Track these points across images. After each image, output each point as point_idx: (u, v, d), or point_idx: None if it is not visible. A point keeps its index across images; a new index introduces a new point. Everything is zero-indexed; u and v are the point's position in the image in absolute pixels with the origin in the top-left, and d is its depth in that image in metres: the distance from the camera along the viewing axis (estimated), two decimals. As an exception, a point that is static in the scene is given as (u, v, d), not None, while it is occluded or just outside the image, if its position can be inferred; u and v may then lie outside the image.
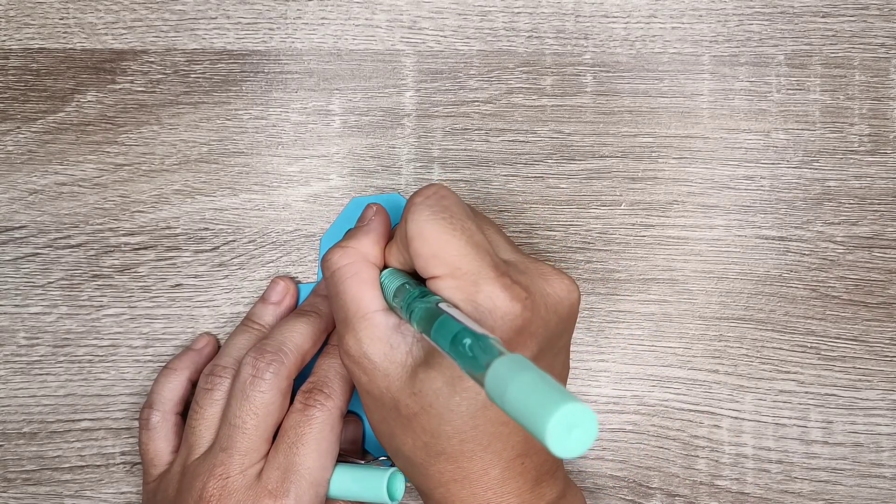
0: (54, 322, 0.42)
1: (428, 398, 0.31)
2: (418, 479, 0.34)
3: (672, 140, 0.42)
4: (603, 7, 0.42)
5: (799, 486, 0.41)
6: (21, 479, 0.41)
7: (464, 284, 0.30)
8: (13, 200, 0.42)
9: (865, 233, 0.42)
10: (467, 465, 0.32)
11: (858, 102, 0.42)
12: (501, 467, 0.32)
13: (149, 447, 0.38)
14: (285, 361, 0.36)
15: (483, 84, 0.42)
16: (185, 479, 0.36)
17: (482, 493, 0.32)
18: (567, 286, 0.33)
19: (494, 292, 0.30)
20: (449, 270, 0.31)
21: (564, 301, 0.32)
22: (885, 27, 0.42)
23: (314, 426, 0.36)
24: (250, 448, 0.35)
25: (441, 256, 0.31)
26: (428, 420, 0.31)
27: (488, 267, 0.31)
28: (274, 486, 0.35)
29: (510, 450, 0.32)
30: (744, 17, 0.42)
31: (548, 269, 0.33)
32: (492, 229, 0.35)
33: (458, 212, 0.32)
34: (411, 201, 0.32)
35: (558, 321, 0.32)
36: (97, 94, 0.42)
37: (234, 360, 0.38)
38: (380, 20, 0.42)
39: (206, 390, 0.37)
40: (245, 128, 0.42)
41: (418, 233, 0.31)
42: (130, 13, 0.42)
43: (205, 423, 0.37)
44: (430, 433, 0.32)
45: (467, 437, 0.31)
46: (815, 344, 0.42)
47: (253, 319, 0.40)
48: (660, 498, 0.42)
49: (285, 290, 0.41)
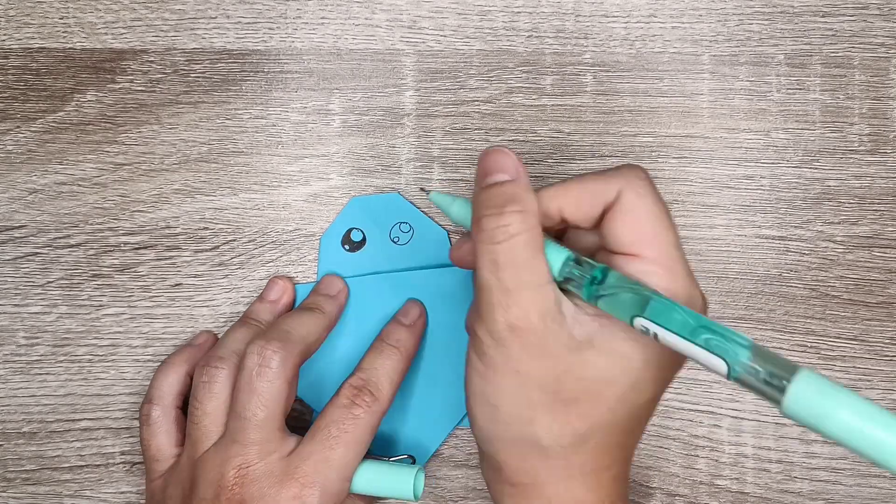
0: (54, 322, 0.42)
1: (597, 385, 0.30)
2: (538, 470, 0.32)
3: (672, 140, 0.42)
4: (603, 7, 0.42)
5: (799, 485, 0.41)
6: (21, 479, 0.41)
7: (669, 273, 0.30)
8: (13, 200, 0.42)
9: (865, 232, 0.42)
10: (601, 459, 0.32)
11: (858, 102, 0.42)
12: (619, 468, 0.33)
13: (151, 442, 0.38)
14: (291, 350, 0.36)
15: (483, 84, 0.42)
16: (199, 471, 0.36)
17: (597, 490, 0.32)
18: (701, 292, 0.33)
19: (693, 289, 0.31)
20: (655, 254, 0.30)
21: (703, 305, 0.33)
22: (885, 27, 0.42)
23: (359, 426, 0.36)
24: (264, 438, 0.35)
25: (657, 240, 0.30)
26: (589, 407, 0.30)
27: (685, 263, 0.31)
28: (303, 475, 0.35)
29: (628, 449, 0.33)
30: (744, 17, 0.42)
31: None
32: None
33: (665, 203, 0.32)
34: (633, 173, 0.31)
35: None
36: (97, 94, 0.42)
37: (231, 352, 0.37)
38: (380, 20, 0.42)
39: (204, 383, 0.37)
40: (245, 127, 0.42)
41: (642, 207, 0.31)
42: (130, 13, 0.42)
43: (208, 417, 0.36)
44: (585, 420, 0.31)
45: (618, 428, 0.31)
46: (815, 344, 0.42)
47: (251, 317, 0.40)
48: (660, 498, 0.41)
49: (283, 288, 0.41)
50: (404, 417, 0.41)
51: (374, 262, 0.41)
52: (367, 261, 0.41)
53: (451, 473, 0.42)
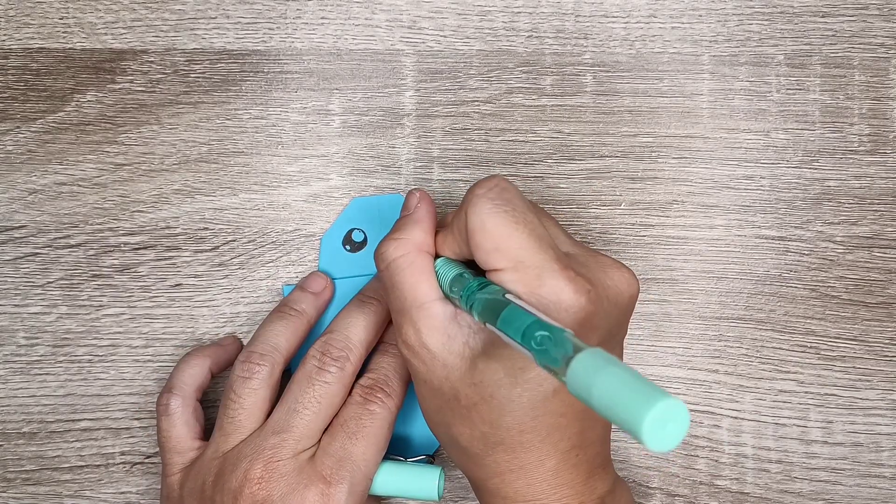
0: (54, 322, 0.42)
1: (489, 389, 0.31)
2: (472, 469, 0.34)
3: (672, 140, 0.42)
4: (603, 7, 0.42)
5: (799, 486, 0.41)
6: (21, 479, 0.41)
7: (527, 278, 0.30)
8: (13, 200, 0.42)
9: (865, 233, 0.42)
10: (524, 456, 0.32)
11: (858, 102, 0.42)
12: (557, 458, 0.32)
13: (171, 433, 0.37)
14: (351, 358, 0.37)
15: (483, 84, 0.42)
16: (227, 464, 0.35)
17: (537, 483, 0.32)
18: (627, 278, 0.33)
19: (559, 285, 0.30)
20: (511, 264, 0.31)
21: (625, 293, 0.33)
22: (885, 27, 0.42)
23: (375, 421, 0.36)
24: (305, 434, 0.35)
25: (504, 249, 0.31)
26: (488, 411, 0.31)
27: (552, 260, 0.31)
28: (328, 473, 0.35)
29: (566, 441, 0.32)
30: (744, 17, 0.42)
31: (608, 260, 0.33)
32: (550, 222, 0.35)
33: (520, 204, 0.32)
34: (472, 193, 0.32)
35: (619, 313, 0.33)
36: (97, 94, 0.42)
37: (272, 348, 0.37)
38: (380, 20, 0.42)
39: (244, 378, 0.36)
40: (245, 128, 0.42)
41: (480, 225, 0.31)
42: (130, 13, 0.42)
43: (244, 412, 0.36)
44: (489, 423, 0.32)
45: (527, 427, 0.32)
46: (815, 344, 0.42)
47: (290, 305, 0.39)
48: (660, 498, 0.41)
49: (325, 283, 0.40)
50: (408, 419, 0.41)
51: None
52: (369, 261, 0.41)
53: (451, 473, 0.42)
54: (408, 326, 0.33)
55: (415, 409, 0.41)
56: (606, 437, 0.35)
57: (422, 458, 0.40)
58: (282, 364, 0.38)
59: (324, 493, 0.34)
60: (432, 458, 0.40)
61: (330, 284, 0.40)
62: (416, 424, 0.41)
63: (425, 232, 0.34)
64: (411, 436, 0.41)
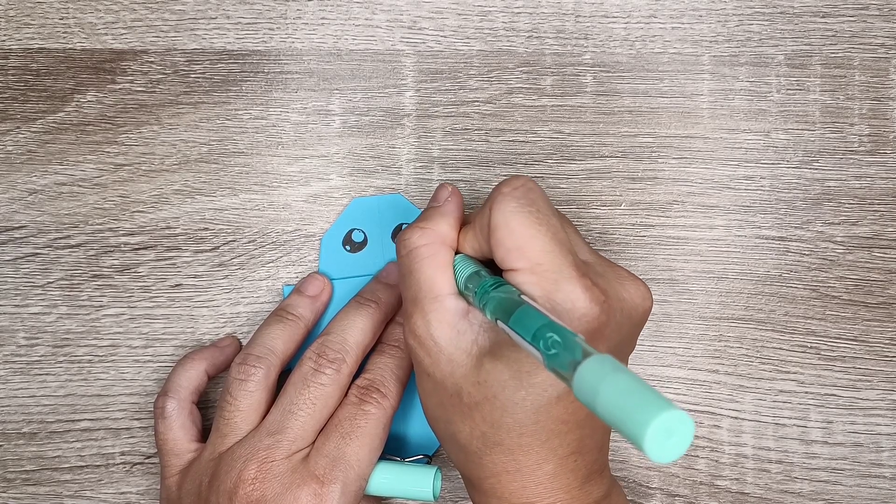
0: (54, 322, 0.42)
1: (492, 389, 0.31)
2: (469, 467, 0.34)
3: (672, 140, 0.42)
4: (603, 7, 0.42)
5: (799, 486, 0.41)
6: (21, 480, 0.41)
7: (544, 281, 0.30)
8: (13, 200, 0.42)
9: (865, 233, 0.42)
10: (522, 459, 0.32)
11: (858, 102, 0.42)
12: (555, 463, 0.32)
13: (167, 436, 0.38)
14: (347, 360, 0.37)
15: (483, 84, 0.42)
16: (222, 465, 0.35)
17: (533, 486, 0.32)
18: (642, 293, 0.33)
19: (575, 292, 0.30)
20: (530, 265, 0.31)
21: (639, 307, 0.33)
22: (885, 27, 0.42)
23: (370, 421, 0.36)
24: (300, 435, 0.35)
25: (524, 249, 0.31)
26: (490, 410, 0.31)
27: (570, 266, 0.31)
28: (322, 472, 0.35)
29: (566, 447, 0.32)
30: (744, 17, 0.42)
31: (625, 273, 0.33)
32: (571, 229, 0.35)
33: (545, 207, 0.32)
34: (498, 191, 0.32)
35: (630, 326, 0.33)
36: (97, 94, 0.42)
37: (268, 350, 0.37)
38: (380, 20, 0.42)
39: (240, 381, 0.37)
40: (245, 128, 0.42)
41: (504, 223, 0.31)
42: (130, 13, 0.42)
43: (240, 414, 0.36)
44: (490, 423, 0.32)
45: (527, 430, 0.31)
46: (815, 344, 0.42)
47: (287, 310, 0.39)
48: (660, 498, 0.42)
49: (322, 285, 0.40)
50: (406, 419, 0.41)
51: (376, 263, 0.41)
52: (369, 261, 0.41)
53: (451, 473, 0.42)
54: (418, 316, 0.33)
55: (413, 410, 0.41)
56: (605, 444, 0.35)
57: (419, 459, 0.40)
58: (278, 367, 0.38)
59: (316, 493, 0.34)
60: (430, 459, 0.40)
61: (328, 287, 0.40)
62: (414, 425, 0.41)
63: (451, 226, 0.34)
64: (409, 436, 0.41)
